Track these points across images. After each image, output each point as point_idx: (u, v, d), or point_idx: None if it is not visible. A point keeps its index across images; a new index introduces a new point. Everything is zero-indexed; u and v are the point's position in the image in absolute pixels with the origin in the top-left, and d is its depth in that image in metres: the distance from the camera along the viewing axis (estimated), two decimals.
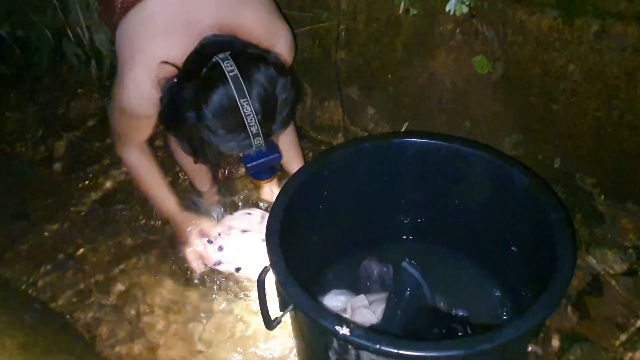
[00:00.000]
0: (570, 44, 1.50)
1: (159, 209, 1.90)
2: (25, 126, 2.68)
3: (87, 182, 2.38)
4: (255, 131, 1.28)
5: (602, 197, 1.72)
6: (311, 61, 2.11)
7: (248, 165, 1.41)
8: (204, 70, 1.28)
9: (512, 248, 1.49)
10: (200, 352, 1.74)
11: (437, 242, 1.70)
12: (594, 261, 1.77)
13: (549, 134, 1.70)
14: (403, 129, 1.97)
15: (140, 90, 1.42)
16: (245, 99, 1.25)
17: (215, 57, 1.28)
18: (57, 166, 2.47)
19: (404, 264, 1.56)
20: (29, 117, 2.70)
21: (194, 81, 1.29)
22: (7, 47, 2.75)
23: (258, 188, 2.10)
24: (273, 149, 1.40)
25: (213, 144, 1.32)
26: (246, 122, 1.26)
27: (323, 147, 2.30)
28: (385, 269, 1.63)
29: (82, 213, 2.25)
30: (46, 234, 2.18)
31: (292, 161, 1.95)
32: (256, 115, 1.26)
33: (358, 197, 1.61)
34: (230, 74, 1.25)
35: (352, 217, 1.64)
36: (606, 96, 1.53)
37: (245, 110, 1.25)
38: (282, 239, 1.26)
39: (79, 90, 2.78)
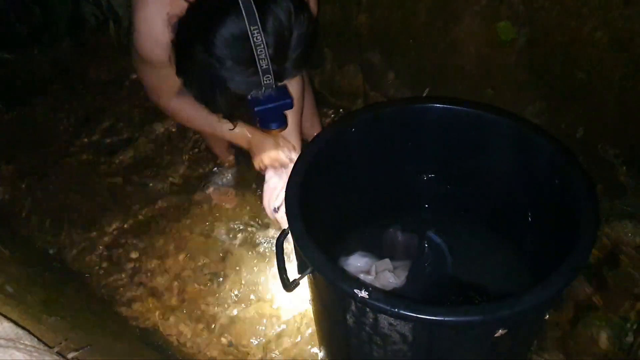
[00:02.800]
0: (599, 10, 1.47)
1: (227, 137, 1.76)
2: (44, 86, 2.68)
3: (106, 143, 2.39)
4: (265, 66, 1.19)
5: (624, 168, 1.70)
6: (331, 25, 2.08)
7: (255, 109, 1.30)
8: None
9: (533, 217, 1.48)
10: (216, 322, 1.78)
11: (457, 210, 1.69)
12: (613, 233, 1.76)
13: (572, 102, 1.67)
14: (424, 95, 1.95)
15: (151, 31, 1.35)
16: (256, 27, 1.16)
17: None
18: (76, 127, 2.48)
19: (430, 233, 1.56)
20: (49, 78, 2.71)
21: (205, 8, 1.22)
22: (26, 6, 2.73)
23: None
24: (284, 94, 1.29)
25: (221, 78, 1.23)
26: (255, 54, 1.18)
27: (342, 113, 2.29)
28: (410, 237, 1.64)
29: (102, 173, 2.27)
30: (64, 192, 2.20)
31: (310, 126, 1.93)
32: (267, 48, 1.18)
33: (378, 163, 1.60)
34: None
35: (371, 184, 1.63)
36: (633, 65, 1.50)
37: (255, 39, 1.16)
38: (301, 202, 1.25)
39: (98, 51, 2.77)
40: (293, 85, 1.58)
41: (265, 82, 1.22)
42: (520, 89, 1.75)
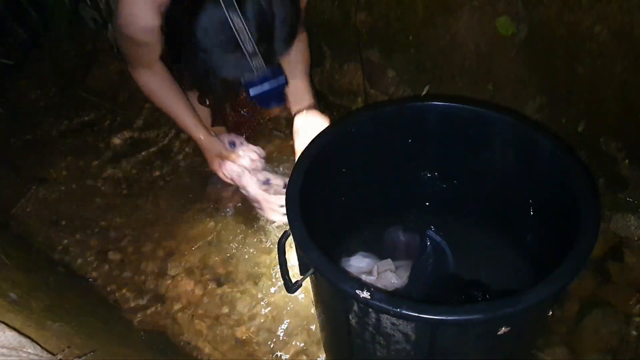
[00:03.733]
0: (598, 4, 1.46)
1: (184, 130, 1.80)
2: (45, 90, 2.69)
3: (107, 146, 2.39)
4: (251, 50, 1.21)
5: (627, 161, 1.70)
6: (330, 23, 2.08)
7: (251, 92, 1.32)
8: None
9: (534, 214, 1.47)
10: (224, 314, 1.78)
11: (458, 209, 1.68)
12: (617, 226, 1.75)
13: (573, 97, 1.67)
14: (424, 93, 1.95)
15: (134, 13, 1.35)
16: (235, 13, 1.17)
17: None
18: (77, 131, 2.48)
19: (429, 232, 1.55)
20: (49, 81, 2.71)
21: (186, 1, 1.23)
22: (24, 10, 2.73)
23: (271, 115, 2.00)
24: (278, 73, 1.30)
25: (213, 67, 1.25)
26: (239, 39, 1.19)
27: (342, 112, 2.29)
28: (412, 237, 1.63)
29: (105, 176, 2.27)
30: (66, 196, 2.21)
31: (303, 95, 1.78)
32: (251, 32, 1.19)
33: (378, 163, 1.60)
34: None
35: (372, 183, 1.63)
36: (633, 57, 1.49)
37: (236, 25, 1.17)
38: (302, 203, 1.25)
39: (98, 55, 2.77)
40: (297, 46, 1.56)
41: (255, 65, 1.24)
42: (521, 85, 1.74)
